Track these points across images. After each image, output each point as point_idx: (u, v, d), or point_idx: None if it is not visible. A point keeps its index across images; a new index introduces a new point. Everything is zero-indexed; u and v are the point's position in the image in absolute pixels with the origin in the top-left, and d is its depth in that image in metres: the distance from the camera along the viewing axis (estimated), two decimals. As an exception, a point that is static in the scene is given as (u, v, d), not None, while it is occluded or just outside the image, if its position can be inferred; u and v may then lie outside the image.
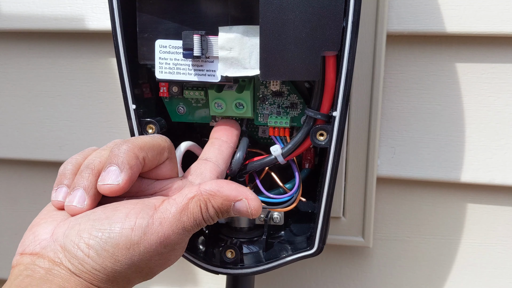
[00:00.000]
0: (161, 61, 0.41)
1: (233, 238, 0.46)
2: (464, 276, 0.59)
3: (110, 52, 0.59)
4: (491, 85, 0.52)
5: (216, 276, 0.64)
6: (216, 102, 0.42)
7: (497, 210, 0.57)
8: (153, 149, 0.35)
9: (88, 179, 0.33)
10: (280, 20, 0.36)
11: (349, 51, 0.37)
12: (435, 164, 0.55)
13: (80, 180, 0.33)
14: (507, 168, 0.54)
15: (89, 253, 0.30)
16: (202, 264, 0.45)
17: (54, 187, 0.35)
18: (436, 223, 0.58)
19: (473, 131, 0.54)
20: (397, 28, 0.51)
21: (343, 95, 0.38)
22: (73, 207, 0.33)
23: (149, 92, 0.44)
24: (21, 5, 0.58)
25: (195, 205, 0.33)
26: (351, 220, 0.57)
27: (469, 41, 0.52)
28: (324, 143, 0.40)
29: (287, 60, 0.37)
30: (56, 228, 0.32)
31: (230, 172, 0.43)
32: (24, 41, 0.61)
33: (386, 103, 0.55)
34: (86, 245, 0.31)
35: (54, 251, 0.31)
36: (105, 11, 0.56)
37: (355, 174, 0.55)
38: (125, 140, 0.34)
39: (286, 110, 0.44)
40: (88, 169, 0.34)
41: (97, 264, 0.30)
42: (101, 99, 0.61)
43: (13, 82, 0.63)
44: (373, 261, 0.61)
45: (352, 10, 0.36)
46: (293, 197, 0.44)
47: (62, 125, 0.62)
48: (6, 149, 0.65)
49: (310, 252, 0.43)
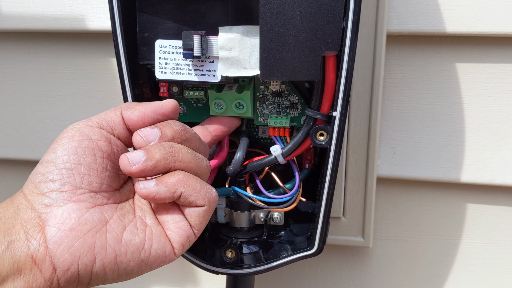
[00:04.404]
0: (161, 61, 0.41)
1: (233, 238, 0.46)
2: (464, 276, 0.59)
3: (110, 52, 0.59)
4: (491, 85, 0.52)
5: (216, 276, 0.64)
6: (216, 102, 0.42)
7: (497, 210, 0.57)
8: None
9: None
10: (280, 20, 0.36)
11: (349, 51, 0.37)
12: (435, 164, 0.55)
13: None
14: (507, 168, 0.54)
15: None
16: (202, 264, 0.45)
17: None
18: (436, 223, 0.58)
19: (473, 131, 0.54)
20: (397, 28, 0.51)
21: (343, 95, 0.38)
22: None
23: (149, 92, 0.44)
24: (21, 5, 0.58)
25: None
26: (351, 220, 0.57)
27: (469, 41, 0.52)
28: (324, 143, 0.40)
29: (287, 60, 0.37)
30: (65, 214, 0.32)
31: (230, 172, 0.43)
32: (24, 41, 0.61)
33: (386, 103, 0.55)
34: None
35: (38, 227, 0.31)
36: (105, 11, 0.56)
37: (355, 174, 0.55)
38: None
39: (286, 110, 0.44)
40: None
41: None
42: (101, 99, 0.61)
43: (13, 82, 0.63)
44: (373, 261, 0.61)
45: (352, 10, 0.36)
46: (293, 197, 0.44)
47: (62, 125, 0.62)
48: (6, 149, 0.65)
49: (310, 252, 0.43)
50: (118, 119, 0.35)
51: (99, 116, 0.35)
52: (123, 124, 0.35)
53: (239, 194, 0.44)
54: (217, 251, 0.46)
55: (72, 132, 0.34)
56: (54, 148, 0.33)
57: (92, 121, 0.35)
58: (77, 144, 0.33)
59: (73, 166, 0.32)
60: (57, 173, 0.32)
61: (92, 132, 0.34)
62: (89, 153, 0.33)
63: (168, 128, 0.34)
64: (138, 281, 0.68)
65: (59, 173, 0.32)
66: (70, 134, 0.33)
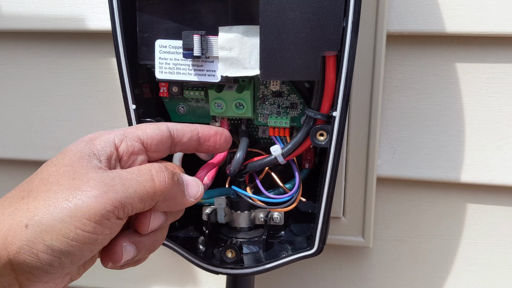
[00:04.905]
0: (161, 61, 0.41)
1: (233, 238, 0.46)
2: (464, 276, 0.59)
3: (110, 52, 0.59)
4: (491, 85, 0.52)
5: (216, 276, 0.64)
6: (216, 102, 0.42)
7: (497, 210, 0.57)
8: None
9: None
10: (280, 20, 0.36)
11: (349, 51, 0.37)
12: (435, 164, 0.55)
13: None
14: (507, 168, 0.54)
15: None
16: (202, 264, 0.45)
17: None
18: (436, 223, 0.58)
19: (473, 131, 0.54)
20: (397, 28, 0.51)
21: (343, 95, 0.38)
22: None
23: (149, 92, 0.44)
24: (21, 5, 0.58)
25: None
26: (351, 220, 0.57)
27: (469, 41, 0.52)
28: (324, 143, 0.40)
29: (287, 60, 0.37)
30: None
31: (230, 172, 0.43)
32: (24, 41, 0.61)
33: (386, 103, 0.55)
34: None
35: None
36: (105, 11, 0.56)
37: (355, 174, 0.55)
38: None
39: (286, 110, 0.44)
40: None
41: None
42: (101, 99, 0.61)
43: (13, 82, 0.63)
44: (373, 261, 0.61)
45: (352, 10, 0.36)
46: (293, 197, 0.44)
47: (62, 125, 0.62)
48: (6, 149, 0.65)
49: (310, 252, 0.43)
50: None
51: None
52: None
53: (239, 194, 0.44)
54: (217, 251, 0.46)
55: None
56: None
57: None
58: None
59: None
60: None
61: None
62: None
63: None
64: (138, 281, 0.68)
65: None
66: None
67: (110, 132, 0.34)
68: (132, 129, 0.35)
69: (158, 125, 0.36)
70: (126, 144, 0.34)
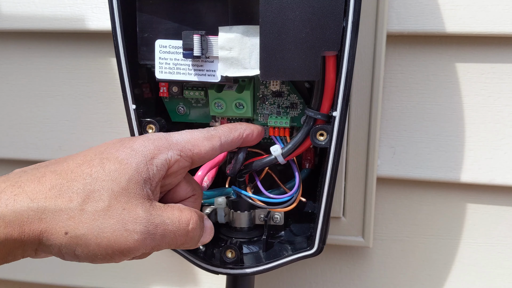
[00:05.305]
0: (161, 61, 0.41)
1: (233, 238, 0.46)
2: (464, 276, 0.59)
3: (110, 52, 0.59)
4: (491, 85, 0.52)
5: (216, 276, 0.64)
6: (216, 102, 0.42)
7: (497, 210, 0.57)
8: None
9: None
10: (280, 20, 0.36)
11: (349, 51, 0.37)
12: (435, 164, 0.55)
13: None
14: (507, 168, 0.54)
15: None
16: (202, 264, 0.45)
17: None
18: (436, 223, 0.58)
19: (473, 131, 0.54)
20: (397, 28, 0.51)
21: (343, 95, 0.38)
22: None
23: (149, 92, 0.44)
24: (21, 5, 0.58)
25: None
26: (351, 220, 0.57)
27: (469, 41, 0.52)
28: (324, 143, 0.40)
29: (287, 60, 0.37)
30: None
31: (230, 172, 0.43)
32: (24, 41, 0.61)
33: (386, 103, 0.55)
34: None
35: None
36: (105, 11, 0.56)
37: (355, 174, 0.55)
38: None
39: (286, 110, 0.44)
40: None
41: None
42: (101, 99, 0.61)
43: (13, 82, 0.63)
44: (373, 261, 0.61)
45: (352, 10, 0.36)
46: (293, 197, 0.44)
47: (62, 125, 0.62)
48: (6, 149, 0.65)
49: (310, 252, 0.43)
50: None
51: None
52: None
53: (239, 194, 0.44)
54: (217, 251, 0.46)
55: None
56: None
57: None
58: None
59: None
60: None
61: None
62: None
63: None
64: (138, 281, 0.68)
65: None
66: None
67: (169, 147, 0.35)
68: (189, 145, 0.36)
69: (213, 143, 0.37)
70: (178, 165, 0.35)
